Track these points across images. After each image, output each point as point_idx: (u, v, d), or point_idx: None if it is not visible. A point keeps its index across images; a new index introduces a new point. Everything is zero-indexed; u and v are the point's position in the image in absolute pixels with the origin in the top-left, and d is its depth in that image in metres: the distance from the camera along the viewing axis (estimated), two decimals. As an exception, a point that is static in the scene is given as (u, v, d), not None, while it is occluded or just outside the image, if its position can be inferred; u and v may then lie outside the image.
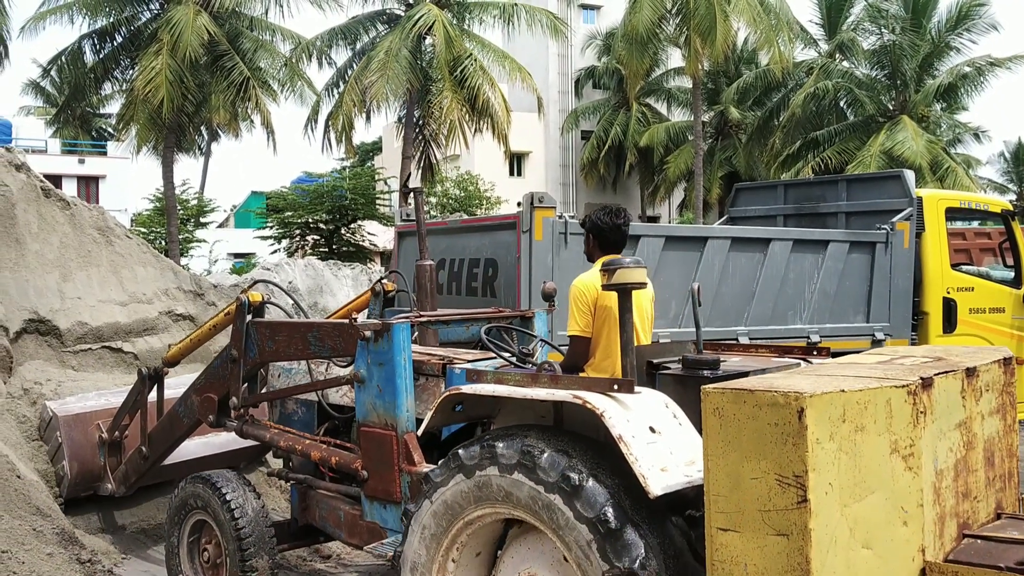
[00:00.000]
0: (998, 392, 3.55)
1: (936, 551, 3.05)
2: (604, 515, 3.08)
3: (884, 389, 2.83)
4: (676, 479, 3.12)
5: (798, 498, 2.61)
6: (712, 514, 2.80)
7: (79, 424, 6.18)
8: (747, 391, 2.73)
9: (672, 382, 3.64)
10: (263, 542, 4.92)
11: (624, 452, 3.11)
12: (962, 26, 26.55)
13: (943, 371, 3.14)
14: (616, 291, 3.68)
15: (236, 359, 5.05)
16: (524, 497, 3.28)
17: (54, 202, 7.95)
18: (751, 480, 2.70)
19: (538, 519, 3.29)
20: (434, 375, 4.52)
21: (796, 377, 3.01)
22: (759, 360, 4.11)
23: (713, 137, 37.03)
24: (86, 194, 38.34)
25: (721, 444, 2.76)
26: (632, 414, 3.25)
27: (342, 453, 4.64)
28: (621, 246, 4.75)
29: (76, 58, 25.71)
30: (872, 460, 2.79)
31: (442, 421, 4.00)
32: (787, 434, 2.63)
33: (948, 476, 3.13)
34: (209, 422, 5.31)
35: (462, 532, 3.58)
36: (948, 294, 8.86)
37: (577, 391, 3.32)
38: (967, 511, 3.28)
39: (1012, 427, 3.69)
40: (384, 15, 26.46)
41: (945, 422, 3.12)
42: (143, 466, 5.89)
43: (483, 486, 3.40)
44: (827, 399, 2.66)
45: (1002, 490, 3.56)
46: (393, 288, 5.64)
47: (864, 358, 3.60)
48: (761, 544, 2.69)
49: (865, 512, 2.77)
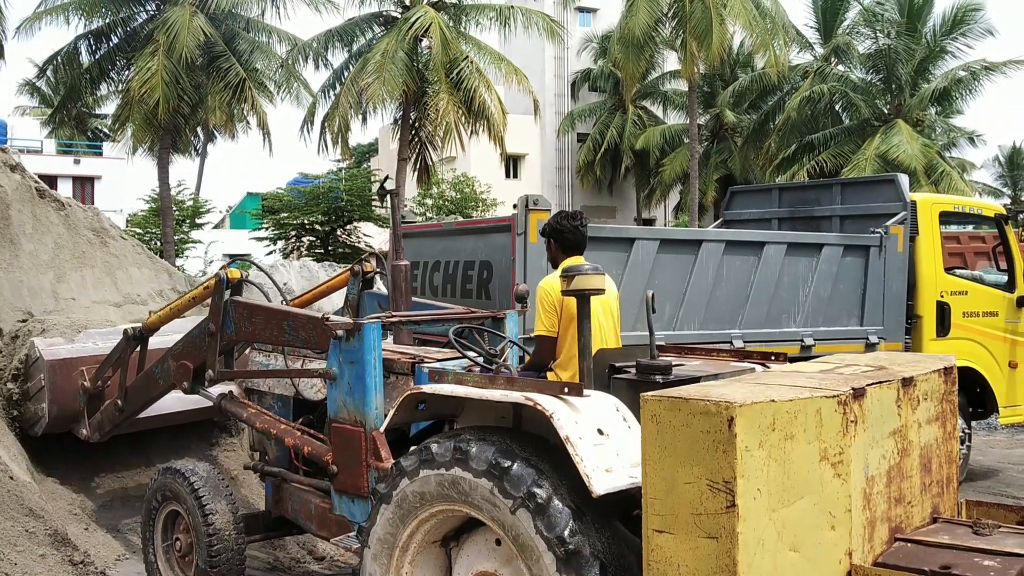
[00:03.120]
0: (937, 400, 3.66)
1: (865, 554, 3.15)
2: (561, 535, 3.17)
3: (815, 399, 2.95)
4: (620, 480, 3.22)
5: (727, 503, 2.73)
6: (649, 516, 2.91)
7: (63, 368, 6.28)
8: (682, 399, 2.85)
9: (626, 386, 3.71)
10: (232, 534, 5.01)
11: (571, 452, 3.21)
12: (957, 31, 26.58)
13: (877, 381, 3.25)
14: (575, 296, 3.84)
15: (213, 333, 5.17)
16: (482, 501, 3.39)
17: (49, 203, 7.94)
18: (685, 485, 2.82)
19: (480, 512, 3.41)
20: (404, 374, 4.64)
21: (733, 386, 3.10)
22: (716, 365, 4.20)
23: (709, 140, 37.08)
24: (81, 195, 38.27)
25: (658, 449, 2.88)
26: (581, 416, 3.37)
27: (315, 443, 4.76)
28: (582, 247, 4.90)
29: (72, 58, 25.69)
30: (801, 467, 2.91)
31: (405, 419, 4.12)
32: (718, 441, 2.75)
33: (880, 482, 3.25)
34: (183, 388, 5.43)
35: (427, 520, 3.68)
36: (942, 298, 8.89)
37: (530, 393, 3.44)
38: (900, 515, 3.39)
39: (952, 434, 3.78)
40: (380, 17, 26.45)
41: (878, 430, 3.23)
42: (118, 418, 6.04)
43: (450, 484, 3.50)
44: (757, 408, 2.78)
45: (939, 495, 3.68)
46: (372, 269, 5.79)
47: (808, 366, 3.71)
48: (693, 546, 2.81)
49: (793, 516, 2.89)
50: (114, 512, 6.49)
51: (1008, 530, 3.46)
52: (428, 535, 3.73)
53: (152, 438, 7.05)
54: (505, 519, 3.32)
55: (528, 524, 3.24)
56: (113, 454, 6.85)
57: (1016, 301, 9.30)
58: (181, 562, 5.24)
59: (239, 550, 5.06)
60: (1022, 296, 9.31)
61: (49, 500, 5.98)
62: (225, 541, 4.97)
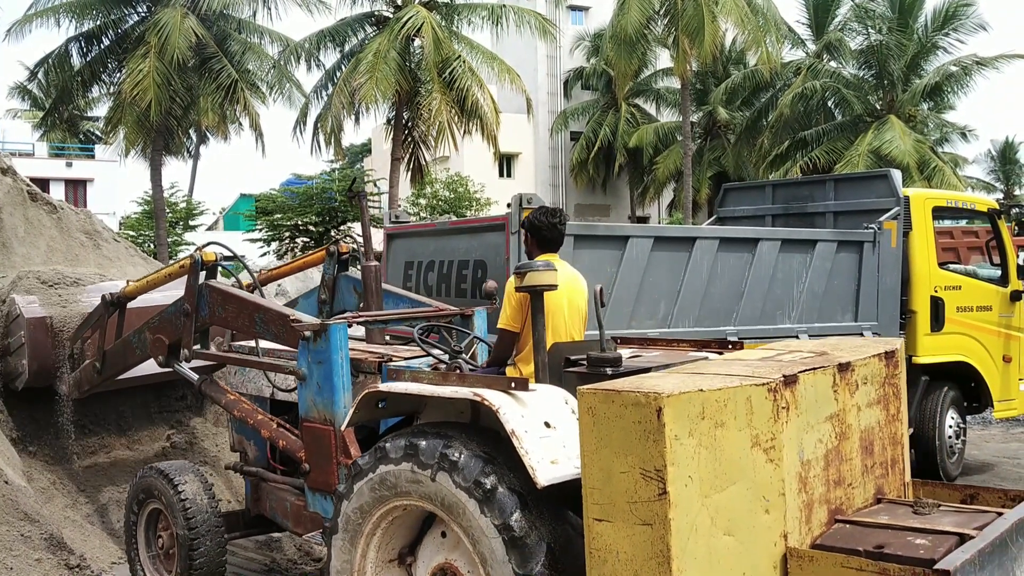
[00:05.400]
0: (878, 384, 3.73)
1: (803, 536, 3.23)
2: (508, 522, 3.30)
3: (744, 387, 3.02)
4: (564, 471, 3.30)
5: (659, 490, 2.82)
6: (588, 506, 2.99)
7: (43, 326, 6.40)
8: (615, 391, 2.92)
9: (576, 379, 3.76)
10: (212, 532, 5.09)
11: (516, 445, 3.31)
12: (949, 26, 26.65)
13: (810, 368, 3.33)
14: (527, 293, 3.96)
15: (189, 313, 5.25)
16: (407, 484, 3.54)
17: (41, 206, 7.92)
18: (620, 474, 2.90)
19: (424, 500, 3.55)
20: (371, 373, 4.74)
21: (666, 378, 3.17)
22: (671, 356, 4.27)
23: (702, 137, 37.13)
24: (74, 198, 38.19)
25: (594, 441, 2.96)
26: (528, 410, 3.47)
27: (289, 438, 4.87)
28: (558, 244, 4.93)
29: (63, 61, 25.60)
30: (733, 453, 2.98)
31: (365, 417, 4.20)
32: (648, 431, 2.83)
33: (817, 466, 3.33)
34: (159, 362, 5.54)
35: (372, 534, 3.80)
36: (936, 292, 8.89)
37: (478, 389, 3.55)
38: (840, 497, 3.46)
39: (896, 417, 3.84)
40: (372, 17, 26.41)
41: (813, 415, 3.31)
42: (96, 379, 6.18)
43: (379, 484, 3.65)
44: (685, 398, 2.86)
45: (883, 476, 3.75)
46: (348, 250, 5.89)
47: (750, 355, 3.80)
48: (630, 533, 2.89)
49: (726, 502, 2.96)
50: (110, 516, 6.48)
51: (948, 509, 3.55)
52: (381, 552, 3.83)
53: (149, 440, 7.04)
54: (427, 489, 3.48)
55: (447, 482, 3.39)
56: (109, 458, 6.83)
57: (1010, 295, 9.31)
58: (164, 560, 5.30)
59: (220, 547, 5.14)
60: (1016, 290, 9.33)
61: (44, 504, 5.95)
62: (205, 538, 5.05)
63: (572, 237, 7.01)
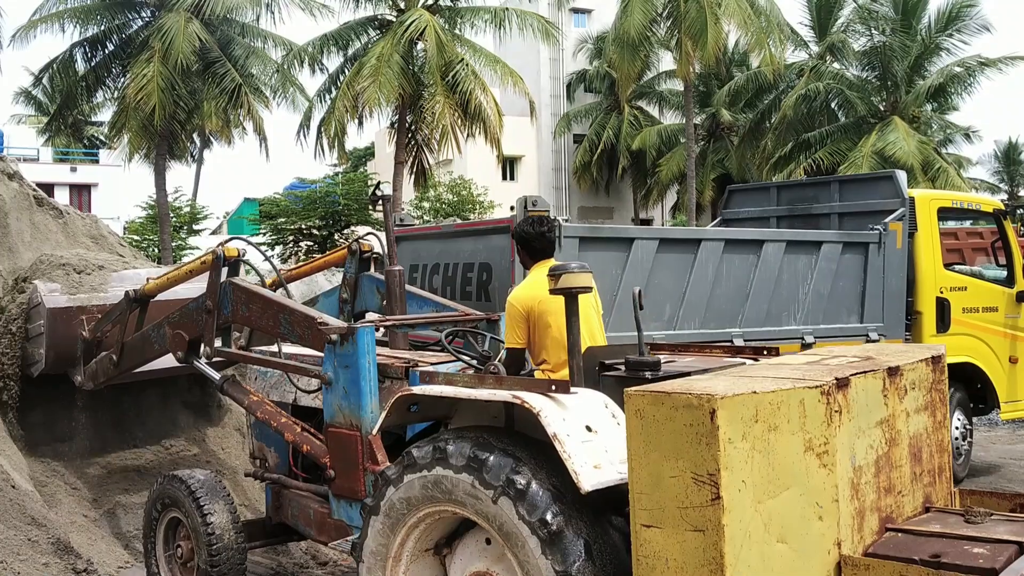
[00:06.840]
0: (925, 390, 3.64)
1: (855, 544, 3.13)
2: (544, 518, 3.18)
3: (797, 390, 2.94)
4: (608, 476, 3.22)
5: (712, 495, 2.73)
6: (636, 511, 2.91)
7: (64, 316, 6.33)
8: (665, 393, 2.84)
9: (614, 383, 3.71)
10: (232, 543, 5.00)
11: (559, 449, 3.22)
12: (952, 27, 26.61)
13: (862, 371, 3.24)
14: (563, 295, 3.83)
15: (210, 310, 5.12)
16: (464, 496, 3.41)
17: (47, 211, 7.94)
18: (670, 479, 2.82)
19: (480, 517, 3.41)
20: (398, 378, 4.64)
21: (716, 379, 3.10)
22: (707, 361, 4.20)
23: (705, 139, 37.11)
24: (78, 202, 38.28)
25: (643, 444, 2.87)
26: (569, 414, 3.37)
27: (314, 442, 4.75)
28: (550, 252, 4.91)
29: (67, 66, 25.69)
30: (786, 458, 2.90)
31: (397, 421, 4.12)
32: (701, 434, 2.75)
33: (868, 472, 3.24)
34: (178, 358, 5.41)
35: (416, 526, 3.68)
36: (941, 294, 8.88)
37: (517, 391, 3.44)
38: (890, 505, 3.38)
39: (942, 423, 3.75)
40: (376, 21, 26.45)
41: (864, 420, 3.23)
42: (112, 372, 6.07)
43: (433, 484, 3.52)
44: (739, 400, 2.78)
45: (931, 484, 3.67)
46: (369, 248, 5.75)
47: (794, 359, 3.73)
48: (680, 539, 2.80)
49: (780, 508, 2.88)
50: (117, 520, 6.48)
51: (1000, 518, 3.46)
52: (419, 543, 3.73)
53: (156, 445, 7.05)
54: (488, 510, 3.34)
55: (510, 511, 3.27)
56: (116, 462, 6.84)
57: (1016, 296, 9.30)
58: (183, 569, 5.22)
59: (240, 556, 5.05)
60: (1022, 291, 9.31)
61: (51, 509, 5.96)
62: (226, 546, 4.97)
63: (577, 240, 7.02)
